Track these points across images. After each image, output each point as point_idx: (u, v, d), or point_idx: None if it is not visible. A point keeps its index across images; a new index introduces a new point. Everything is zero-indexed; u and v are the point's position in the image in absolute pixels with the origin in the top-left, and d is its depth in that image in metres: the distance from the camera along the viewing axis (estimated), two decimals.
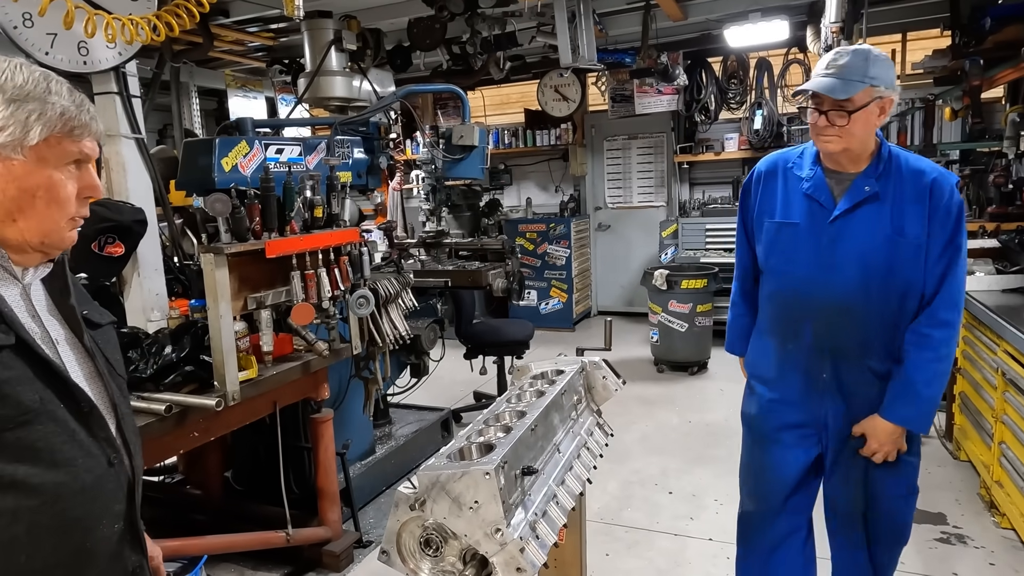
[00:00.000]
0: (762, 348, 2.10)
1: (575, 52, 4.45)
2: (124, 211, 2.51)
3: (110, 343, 1.23)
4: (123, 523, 1.11)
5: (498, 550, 1.36)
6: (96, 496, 1.06)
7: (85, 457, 1.04)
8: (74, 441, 1.03)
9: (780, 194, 1.97)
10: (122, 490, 1.11)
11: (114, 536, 1.09)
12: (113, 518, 1.09)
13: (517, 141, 7.79)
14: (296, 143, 3.19)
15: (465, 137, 3.66)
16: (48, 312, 1.11)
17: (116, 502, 1.10)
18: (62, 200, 1.04)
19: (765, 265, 2.04)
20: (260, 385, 2.51)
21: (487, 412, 1.84)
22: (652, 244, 7.25)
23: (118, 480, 1.10)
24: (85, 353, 1.13)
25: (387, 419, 4.03)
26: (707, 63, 6.71)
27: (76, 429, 1.04)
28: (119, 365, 1.23)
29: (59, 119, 1.01)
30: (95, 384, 1.13)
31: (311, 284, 2.66)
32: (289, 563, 2.98)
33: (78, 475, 1.03)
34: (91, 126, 1.06)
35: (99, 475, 1.06)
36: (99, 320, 1.21)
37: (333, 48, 3.84)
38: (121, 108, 2.58)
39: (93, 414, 1.07)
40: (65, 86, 1.05)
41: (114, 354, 1.22)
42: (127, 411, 1.19)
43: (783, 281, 1.98)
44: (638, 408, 4.79)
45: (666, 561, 2.93)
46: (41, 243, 1.05)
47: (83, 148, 1.05)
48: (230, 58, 5.92)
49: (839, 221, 1.85)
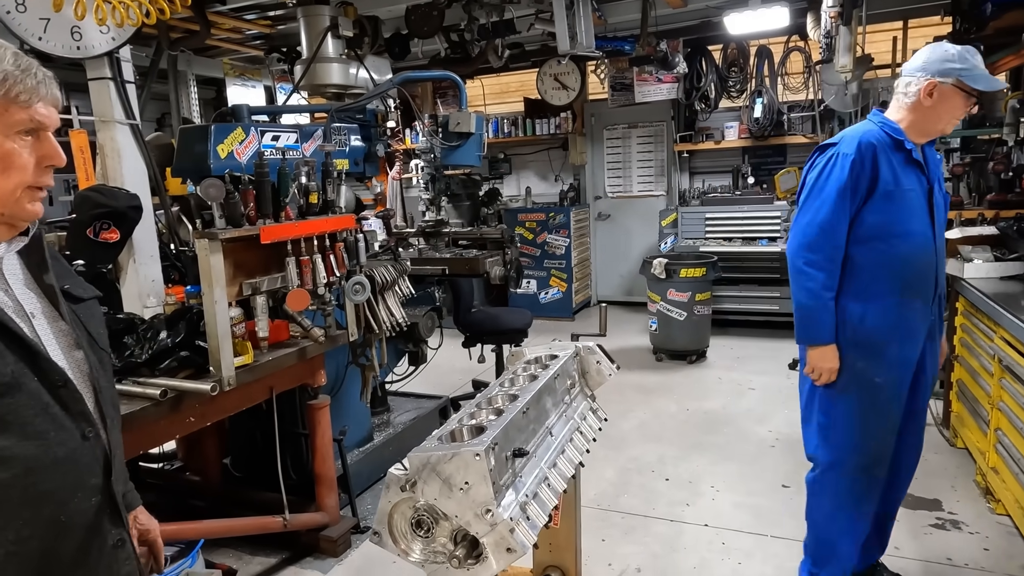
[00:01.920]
0: (886, 311, 2.17)
1: (573, 39, 4.43)
2: (119, 197, 2.51)
3: (93, 317, 1.22)
4: (101, 497, 1.11)
5: (488, 531, 1.37)
6: (69, 469, 1.06)
7: (58, 430, 1.04)
8: (47, 414, 1.03)
9: (888, 165, 2.13)
10: (98, 463, 1.11)
11: (91, 509, 1.09)
12: (89, 492, 1.09)
13: (516, 130, 7.77)
14: (293, 130, 3.18)
15: (461, 124, 3.64)
16: (25, 286, 1.10)
17: (91, 475, 1.10)
18: (16, 169, 1.01)
19: (889, 231, 2.14)
20: (256, 371, 2.52)
21: (480, 396, 1.84)
22: (652, 233, 7.24)
23: (93, 454, 1.10)
24: (65, 327, 1.12)
25: (385, 407, 4.04)
26: (707, 51, 6.67)
27: (49, 402, 1.03)
28: (102, 339, 1.22)
29: (1, 85, 0.98)
30: (72, 358, 1.12)
31: (306, 270, 2.66)
32: (287, 548, 3.00)
33: (50, 448, 1.02)
34: (39, 91, 1.02)
35: (73, 448, 1.06)
36: (81, 294, 1.21)
37: (329, 35, 3.82)
38: (115, 94, 2.57)
39: (67, 387, 1.06)
40: (10, 51, 1.01)
41: (97, 328, 1.22)
42: (107, 384, 1.19)
43: (911, 242, 2.14)
44: (636, 396, 4.80)
45: (662, 546, 2.94)
46: (0, 214, 1.03)
47: (34, 115, 1.02)
48: (228, 46, 5.90)
49: (933, 185, 2.18)
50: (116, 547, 1.15)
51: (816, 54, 4.85)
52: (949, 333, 3.77)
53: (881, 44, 5.84)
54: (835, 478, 2.30)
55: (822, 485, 2.34)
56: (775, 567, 2.75)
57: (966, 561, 2.72)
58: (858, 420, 2.23)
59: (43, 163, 1.05)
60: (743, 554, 2.86)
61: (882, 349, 2.18)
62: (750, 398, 4.70)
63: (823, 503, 2.36)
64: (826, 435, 2.29)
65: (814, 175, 2.21)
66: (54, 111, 1.07)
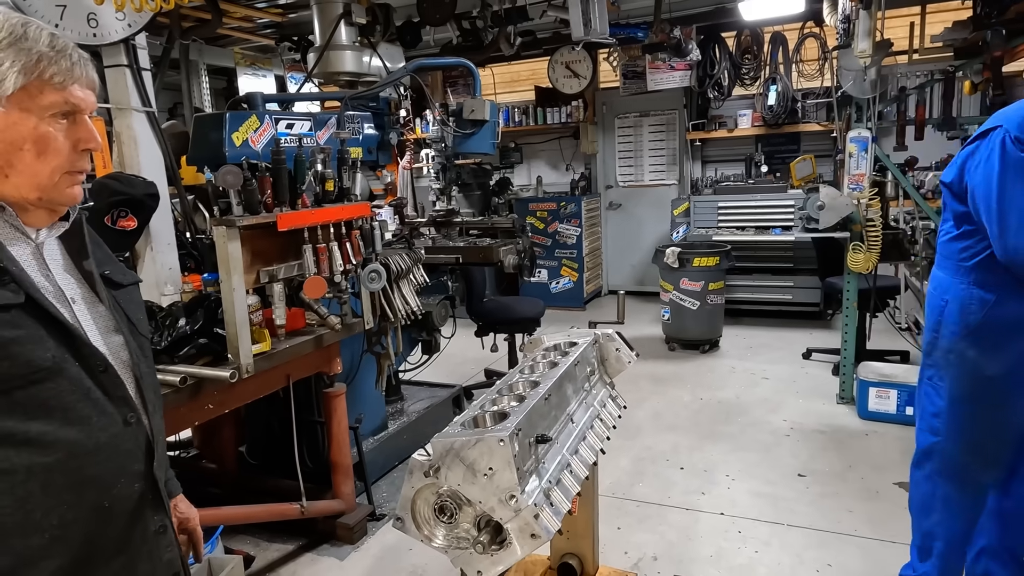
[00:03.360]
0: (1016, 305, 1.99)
1: (587, 26, 4.38)
2: (136, 185, 2.50)
3: (133, 302, 1.21)
4: (143, 483, 1.10)
5: (512, 516, 1.37)
6: (112, 455, 1.05)
7: (100, 415, 1.04)
8: (88, 399, 1.02)
9: None
10: (140, 450, 1.10)
11: (134, 495, 1.09)
12: (131, 477, 1.08)
13: (527, 119, 7.73)
14: (307, 118, 3.17)
15: (476, 111, 3.62)
16: (65, 271, 1.10)
17: (134, 461, 1.09)
18: (52, 152, 1.00)
19: None
20: (273, 358, 2.52)
21: (500, 382, 1.84)
22: (663, 223, 7.20)
23: (136, 440, 1.10)
24: (104, 312, 1.12)
25: (399, 395, 4.05)
26: (721, 38, 6.59)
27: (91, 387, 1.03)
28: (141, 324, 1.21)
29: (35, 66, 0.97)
30: (112, 343, 1.11)
31: (323, 258, 2.66)
32: (304, 535, 3.02)
33: (92, 433, 1.02)
34: (74, 72, 1.01)
35: (115, 433, 1.06)
36: (121, 280, 1.20)
37: (343, 22, 3.80)
38: (131, 81, 2.56)
39: (108, 372, 1.06)
40: (46, 31, 1.00)
41: (136, 313, 1.21)
42: (148, 370, 1.18)
43: None
44: (649, 386, 4.78)
45: (677, 535, 2.94)
46: (39, 199, 1.02)
47: (69, 97, 1.01)
48: (239, 35, 5.88)
49: None
50: (159, 533, 1.15)
51: (832, 40, 4.78)
52: None
53: (898, 30, 5.75)
54: (934, 469, 2.21)
55: (922, 476, 2.26)
56: (792, 555, 2.74)
57: None
58: (963, 412, 2.11)
59: (79, 147, 1.04)
60: (760, 543, 2.85)
61: (1001, 343, 2.02)
62: (764, 387, 4.67)
63: (920, 493, 2.28)
64: (931, 424, 2.20)
65: (1001, 161, 1.87)
66: (90, 94, 1.05)
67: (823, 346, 5.23)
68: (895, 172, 4.43)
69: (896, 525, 2.89)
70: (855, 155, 3.95)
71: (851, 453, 3.58)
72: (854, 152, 3.96)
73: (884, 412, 3.93)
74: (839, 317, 4.57)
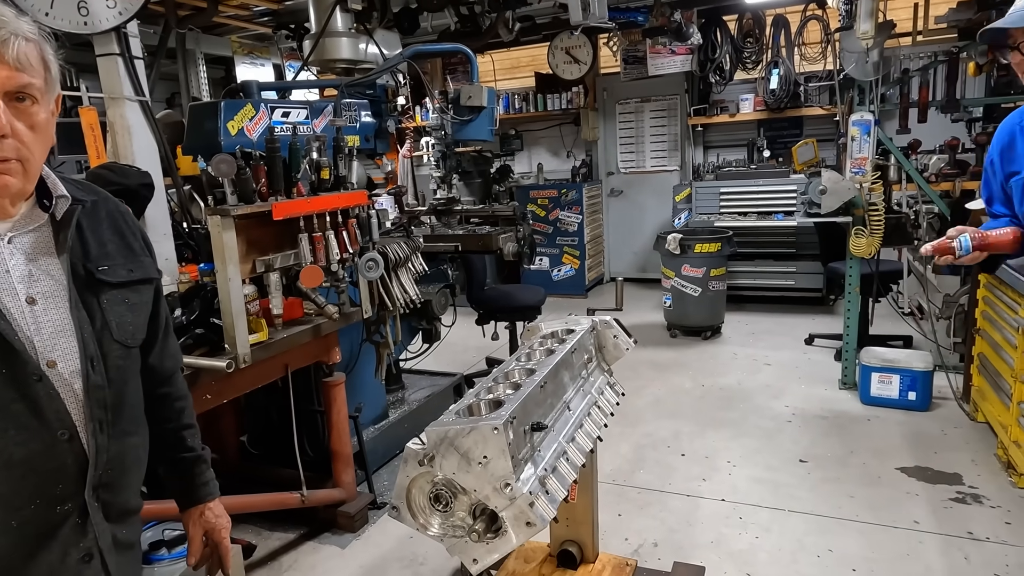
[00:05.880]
0: None
1: (586, 10, 4.33)
2: (130, 175, 2.48)
3: (124, 304, 1.12)
4: (69, 505, 1.01)
5: (507, 505, 1.36)
6: (26, 473, 0.96)
7: (19, 430, 0.95)
8: (6, 411, 0.94)
9: None
10: (69, 470, 1.00)
11: (53, 518, 0.99)
12: (52, 500, 0.99)
13: (528, 106, 7.67)
14: (303, 106, 3.15)
15: (473, 97, 3.59)
16: (41, 267, 1.03)
17: (56, 483, 0.99)
18: None
19: None
20: (271, 348, 2.51)
21: (497, 370, 1.82)
22: (665, 209, 7.16)
23: (63, 459, 1.00)
24: (80, 314, 1.04)
25: (400, 384, 4.05)
26: (722, 21, 6.53)
27: (14, 398, 0.95)
28: (123, 329, 1.11)
29: None
30: (63, 348, 1.01)
31: (319, 247, 2.64)
32: (305, 524, 3.02)
33: (5, 447, 0.94)
34: None
35: (34, 451, 0.97)
36: (111, 279, 1.10)
37: (338, 8, 3.76)
38: (124, 70, 2.53)
39: (43, 382, 0.97)
40: None
41: (123, 316, 1.11)
42: (114, 379, 1.07)
43: None
44: (651, 373, 4.77)
45: (678, 520, 2.94)
46: None
47: None
48: (236, 23, 5.84)
49: None
50: (82, 562, 1.04)
51: (835, 22, 4.73)
52: (971, 306, 3.71)
53: (901, 11, 5.68)
54: None
55: None
56: (793, 541, 2.74)
57: (987, 535, 2.69)
58: None
59: None
60: (760, 528, 2.85)
61: None
62: (766, 374, 4.66)
63: None
64: None
65: None
66: (10, 71, 0.94)
67: (825, 332, 5.21)
68: (898, 155, 4.39)
69: (897, 510, 2.89)
70: (857, 138, 3.91)
71: (853, 439, 3.57)
72: (856, 135, 3.92)
73: (886, 397, 3.91)
74: (841, 302, 4.54)
